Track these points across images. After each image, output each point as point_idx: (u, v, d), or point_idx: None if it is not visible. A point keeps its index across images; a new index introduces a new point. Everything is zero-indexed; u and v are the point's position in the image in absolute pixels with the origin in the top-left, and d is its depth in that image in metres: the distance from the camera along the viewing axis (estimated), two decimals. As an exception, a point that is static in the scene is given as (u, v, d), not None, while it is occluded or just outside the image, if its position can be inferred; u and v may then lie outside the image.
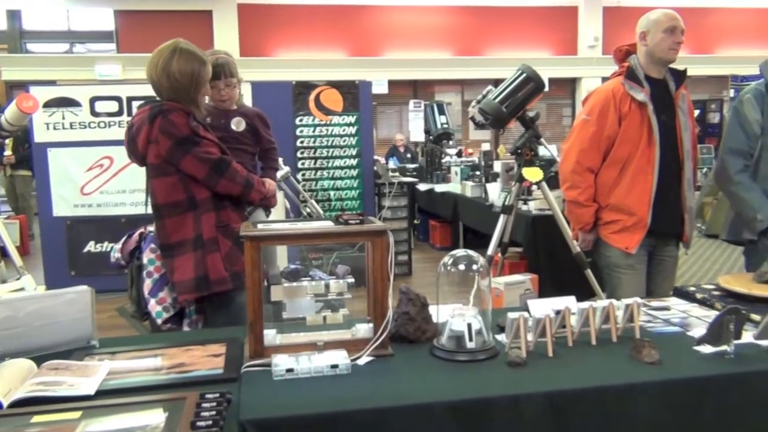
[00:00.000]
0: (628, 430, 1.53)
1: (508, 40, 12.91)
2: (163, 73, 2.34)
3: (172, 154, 2.33)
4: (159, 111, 2.33)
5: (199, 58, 2.40)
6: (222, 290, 2.41)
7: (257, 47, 12.03)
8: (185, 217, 2.38)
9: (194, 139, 2.35)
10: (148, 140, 2.34)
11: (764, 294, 2.13)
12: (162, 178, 2.38)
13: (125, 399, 1.41)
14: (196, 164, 2.35)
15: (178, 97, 2.37)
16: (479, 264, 1.78)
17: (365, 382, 1.55)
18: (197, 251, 2.38)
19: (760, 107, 2.71)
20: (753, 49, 12.77)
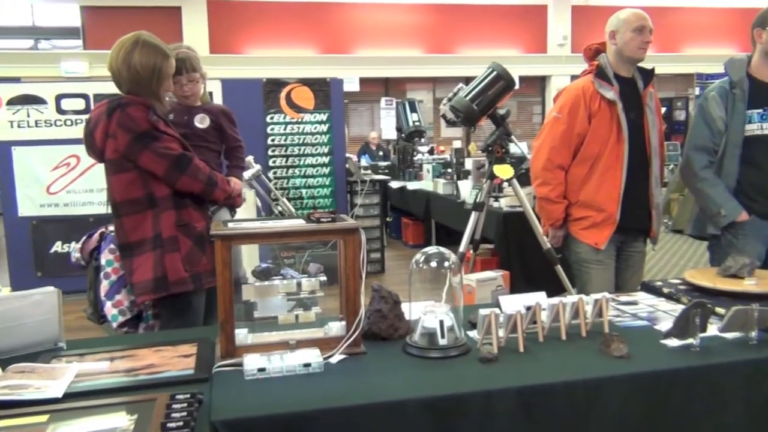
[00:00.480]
0: (598, 423, 1.56)
1: (479, 37, 12.98)
2: (123, 65, 2.29)
3: (130, 149, 2.26)
4: (117, 104, 2.27)
5: (161, 52, 2.35)
6: (181, 291, 2.34)
7: (227, 44, 11.92)
8: (144, 215, 2.32)
9: (154, 134, 2.28)
10: (106, 134, 2.28)
11: (728, 288, 2.18)
12: (120, 175, 2.31)
13: (94, 401, 1.39)
14: (155, 160, 2.28)
15: (139, 90, 2.32)
16: (451, 261, 1.79)
17: (338, 380, 1.55)
18: (156, 251, 2.31)
19: (724, 104, 2.77)
20: (717, 48, 13.03)
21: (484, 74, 3.47)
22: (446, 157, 7.84)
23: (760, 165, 2.72)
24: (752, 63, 2.79)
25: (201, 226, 2.42)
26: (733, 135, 2.72)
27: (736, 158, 2.73)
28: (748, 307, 1.76)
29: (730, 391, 1.65)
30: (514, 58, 12.36)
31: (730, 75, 2.79)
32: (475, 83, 3.47)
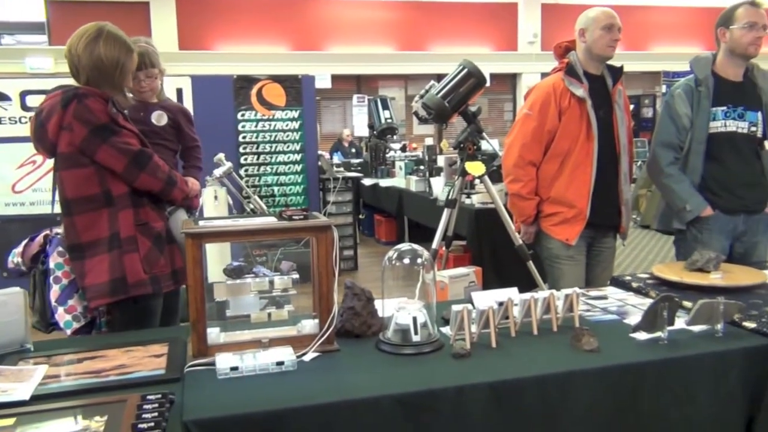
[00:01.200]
0: (569, 416, 1.58)
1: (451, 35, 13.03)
2: (85, 53, 2.18)
3: (87, 143, 2.13)
4: (74, 95, 2.14)
5: (126, 46, 2.26)
6: (140, 294, 2.23)
7: (196, 40, 11.78)
8: (99, 214, 2.18)
9: (113, 128, 2.17)
10: (60, 126, 2.14)
11: (695, 282, 2.22)
12: (74, 170, 2.17)
13: (62, 403, 1.37)
14: (114, 155, 2.16)
15: (100, 80, 2.21)
16: (423, 258, 1.80)
17: (311, 378, 1.54)
18: (113, 251, 2.18)
19: (689, 101, 2.82)
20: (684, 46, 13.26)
21: (456, 71, 3.48)
22: (418, 154, 7.85)
23: (723, 161, 2.78)
24: (717, 61, 2.85)
25: (159, 226, 2.32)
26: (698, 132, 2.78)
27: (701, 154, 2.78)
28: (714, 300, 1.80)
29: (698, 382, 1.68)
30: (485, 56, 12.43)
31: (695, 73, 2.85)
32: (446, 80, 3.48)
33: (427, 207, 5.55)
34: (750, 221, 2.81)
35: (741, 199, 2.78)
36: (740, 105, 2.78)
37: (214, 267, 2.96)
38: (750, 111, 2.79)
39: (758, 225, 2.84)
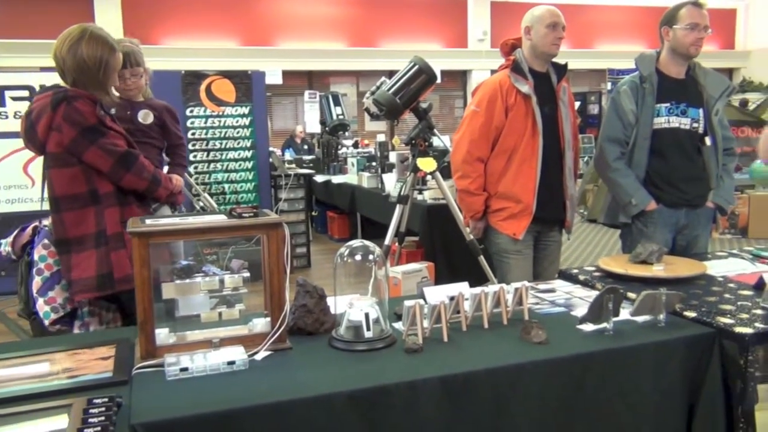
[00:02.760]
0: (519, 408, 1.61)
1: (401, 32, 13.07)
2: (69, 54, 2.22)
3: (76, 144, 2.20)
4: (63, 97, 2.19)
5: (108, 45, 2.29)
6: (126, 289, 2.25)
7: (143, 35, 11.47)
8: (86, 211, 2.25)
9: (101, 130, 2.23)
10: (49, 127, 2.20)
11: (639, 274, 2.29)
12: (62, 169, 2.24)
13: (6, 410, 1.32)
14: (101, 156, 2.23)
15: (85, 80, 2.25)
16: (375, 254, 1.80)
17: (263, 377, 1.53)
18: (100, 248, 2.25)
19: (635, 98, 2.89)
20: (628, 45, 13.62)
21: (406, 68, 3.50)
22: (371, 151, 7.86)
23: (667, 156, 2.86)
24: (660, 59, 2.93)
25: None
26: (643, 127, 2.85)
27: (646, 150, 2.86)
28: (657, 292, 1.86)
29: (641, 371, 1.74)
30: (435, 52, 12.52)
31: (640, 70, 2.92)
32: (397, 77, 3.50)
33: (379, 203, 5.57)
34: (692, 215, 2.91)
35: (683, 193, 2.87)
36: (683, 102, 2.87)
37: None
38: (692, 108, 2.88)
39: (699, 218, 2.94)
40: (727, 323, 1.83)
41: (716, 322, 1.84)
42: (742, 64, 14.97)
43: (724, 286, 2.25)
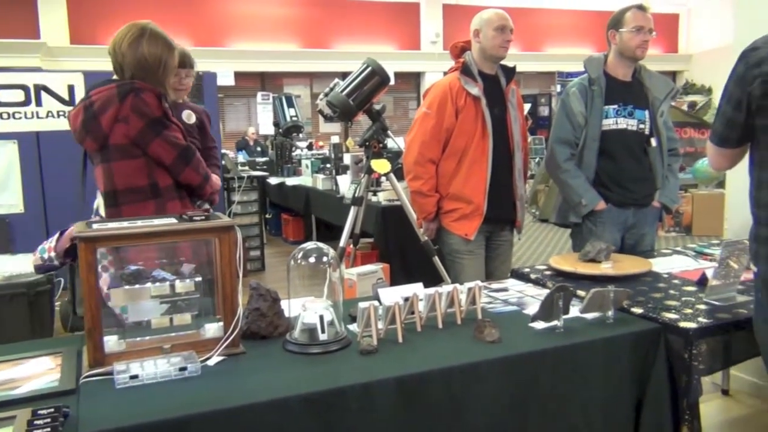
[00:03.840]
0: (474, 406, 1.63)
1: (355, 33, 13.07)
2: (129, 50, 2.24)
3: (142, 136, 2.19)
4: (131, 89, 2.19)
5: (168, 44, 2.33)
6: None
7: (89, 34, 11.20)
8: (145, 204, 2.24)
9: (165, 122, 2.24)
10: (116, 119, 2.18)
11: (588, 272, 2.35)
12: (126, 161, 2.23)
13: (-59, 424, 1.27)
14: (165, 148, 2.23)
15: (144, 77, 2.25)
16: (330, 256, 1.80)
17: (216, 382, 1.51)
18: None
19: (583, 100, 2.96)
20: (577, 48, 13.92)
21: (360, 70, 3.50)
22: (325, 153, 7.84)
23: (615, 157, 2.94)
24: (608, 62, 3.00)
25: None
26: (592, 129, 2.92)
27: (595, 151, 2.93)
28: (605, 289, 1.91)
29: (591, 367, 1.78)
30: (388, 54, 12.56)
31: (588, 73, 2.99)
32: (350, 79, 3.50)
33: (334, 205, 5.55)
34: (639, 214, 2.99)
35: (631, 193, 2.95)
36: (630, 104, 2.94)
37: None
38: (638, 109, 2.96)
39: (646, 217, 3.02)
40: (672, 318, 1.89)
41: (662, 318, 1.90)
42: (685, 67, 15.47)
43: (669, 283, 2.32)
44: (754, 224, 1.77)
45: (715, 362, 1.91)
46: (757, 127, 1.71)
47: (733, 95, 1.74)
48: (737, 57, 1.73)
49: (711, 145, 1.89)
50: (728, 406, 3.08)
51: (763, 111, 1.67)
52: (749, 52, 1.70)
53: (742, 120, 1.73)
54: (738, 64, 1.72)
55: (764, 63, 1.64)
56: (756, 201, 1.75)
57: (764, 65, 1.64)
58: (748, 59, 1.69)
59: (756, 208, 1.75)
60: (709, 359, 1.86)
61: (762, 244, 1.73)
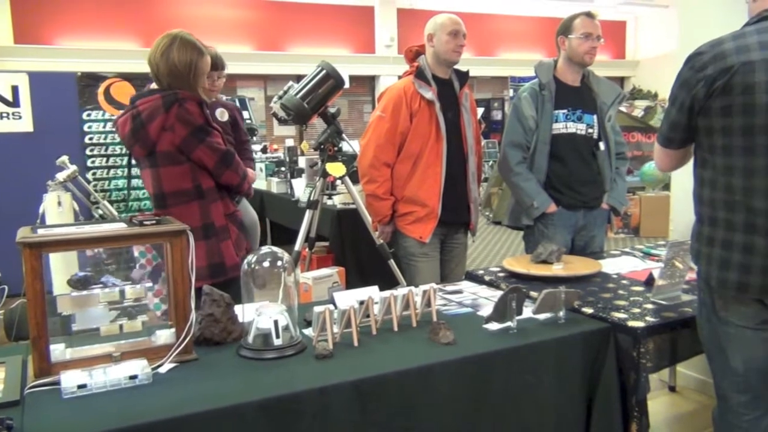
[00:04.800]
0: (429, 408, 1.64)
1: (310, 36, 13.01)
2: (162, 60, 2.36)
3: (186, 143, 2.33)
4: (175, 99, 2.32)
5: (197, 49, 2.41)
6: (235, 276, 2.35)
7: (34, 34, 10.85)
8: (191, 205, 2.39)
9: (207, 129, 2.37)
10: (162, 128, 2.32)
11: (540, 273, 2.39)
12: (172, 167, 2.37)
13: None
14: (207, 154, 2.37)
15: (177, 84, 2.37)
16: (284, 260, 1.78)
17: (168, 390, 1.48)
18: (209, 239, 2.40)
19: (534, 104, 3.01)
20: (529, 53, 14.16)
21: (314, 73, 3.48)
22: (279, 156, 7.76)
23: (565, 160, 3.00)
24: (558, 67, 3.07)
25: (240, 215, 2.62)
26: (543, 133, 2.97)
27: (545, 154, 2.98)
28: (557, 290, 1.94)
29: (544, 366, 1.81)
30: (343, 58, 12.53)
31: (539, 78, 3.04)
32: (305, 81, 3.48)
33: (289, 209, 5.50)
34: (589, 216, 3.06)
35: (581, 195, 3.01)
36: (578, 108, 3.01)
37: (60, 278, 2.76)
38: (587, 114, 3.03)
39: (595, 219, 3.09)
40: (621, 318, 1.94)
41: (611, 318, 1.95)
42: (632, 73, 15.89)
43: (618, 283, 2.38)
44: (696, 223, 1.84)
45: (663, 360, 1.97)
46: (699, 128, 1.77)
47: (678, 98, 1.79)
48: (683, 62, 1.79)
49: (657, 146, 1.95)
50: (675, 402, 3.18)
51: (706, 113, 1.73)
52: (694, 56, 1.75)
53: (685, 122, 1.79)
54: (683, 68, 1.78)
55: (708, 67, 1.70)
56: (698, 198, 1.82)
57: (708, 69, 1.69)
58: (693, 63, 1.74)
59: (699, 206, 1.82)
60: (656, 357, 1.91)
61: (703, 243, 1.79)
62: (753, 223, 1.68)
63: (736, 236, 1.71)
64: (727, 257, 1.72)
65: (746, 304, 1.74)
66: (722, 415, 1.86)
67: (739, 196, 1.69)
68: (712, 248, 1.76)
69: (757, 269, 1.68)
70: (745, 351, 1.77)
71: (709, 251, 1.77)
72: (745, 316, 1.75)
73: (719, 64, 1.68)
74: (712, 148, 1.74)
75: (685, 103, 1.77)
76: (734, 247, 1.71)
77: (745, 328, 1.76)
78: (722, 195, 1.73)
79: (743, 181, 1.68)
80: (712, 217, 1.77)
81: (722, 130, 1.71)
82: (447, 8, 3.48)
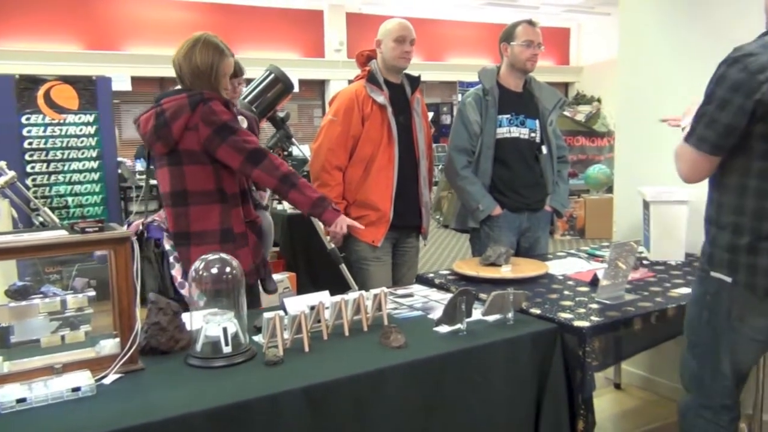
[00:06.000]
0: (381, 412, 1.64)
1: (257, 40, 12.88)
2: (185, 60, 2.37)
3: (210, 142, 2.32)
4: (201, 99, 2.32)
5: (219, 50, 2.42)
6: (249, 283, 2.34)
7: (-31, 34, 10.45)
8: (212, 207, 2.38)
9: (232, 128, 2.34)
10: (186, 126, 2.31)
11: (489, 275, 2.42)
12: (197, 166, 2.36)
13: None
14: (230, 153, 2.33)
15: (200, 84, 2.37)
16: (233, 266, 1.76)
17: (113, 402, 1.44)
18: (227, 244, 2.36)
19: (479, 109, 3.06)
20: (476, 59, 14.34)
21: (262, 77, 3.45)
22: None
23: (509, 164, 3.06)
24: (501, 73, 3.12)
25: (260, 222, 2.60)
26: (487, 137, 3.03)
27: (490, 158, 3.04)
28: (505, 292, 1.98)
29: (493, 368, 1.83)
30: (292, 62, 12.45)
31: (483, 83, 3.10)
32: (253, 85, 3.44)
33: (238, 214, 5.44)
34: (533, 218, 3.12)
35: (525, 198, 3.08)
36: (521, 113, 3.08)
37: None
38: (529, 119, 3.10)
39: (539, 221, 3.16)
40: (567, 318, 1.99)
41: (558, 318, 1.99)
42: (575, 79, 16.28)
43: (564, 284, 2.44)
44: (728, 233, 1.76)
45: (608, 358, 2.02)
46: (754, 133, 1.67)
47: (732, 101, 1.65)
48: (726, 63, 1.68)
49: (696, 155, 1.76)
50: (620, 399, 3.26)
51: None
52: (744, 57, 1.65)
53: (744, 126, 1.66)
54: (730, 69, 1.66)
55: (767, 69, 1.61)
56: (736, 209, 1.74)
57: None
58: (745, 65, 1.63)
59: (736, 217, 1.74)
60: (601, 355, 1.96)
61: (742, 253, 1.73)
62: None
63: None
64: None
65: (765, 316, 1.75)
66: (698, 412, 1.90)
67: None
68: (757, 258, 1.71)
69: None
70: (740, 358, 1.82)
71: (753, 261, 1.72)
72: (759, 328, 1.77)
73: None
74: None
75: (744, 106, 1.64)
76: None
77: (752, 339, 1.79)
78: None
79: None
80: (756, 227, 1.70)
81: None
82: (396, 14, 3.50)
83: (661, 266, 2.72)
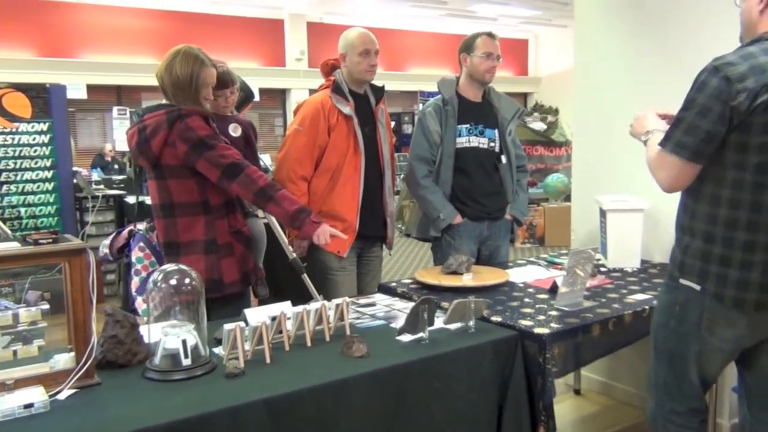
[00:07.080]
0: (345, 422, 1.63)
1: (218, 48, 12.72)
2: (165, 72, 2.40)
3: (188, 158, 2.35)
4: (178, 115, 2.35)
5: (199, 60, 2.43)
6: (233, 292, 2.48)
7: None
8: (197, 219, 2.42)
9: (209, 143, 2.36)
10: (165, 143, 2.35)
11: (451, 284, 2.44)
12: (180, 180, 2.40)
13: None
14: (208, 168, 2.36)
15: (181, 96, 2.39)
16: (192, 277, 1.73)
17: (68, 418, 1.41)
18: (210, 255, 2.43)
19: (438, 119, 3.09)
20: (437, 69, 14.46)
21: (223, 86, 3.42)
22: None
23: (469, 173, 3.09)
24: (460, 83, 3.16)
25: (248, 231, 2.61)
26: (447, 147, 3.05)
27: (450, 167, 3.06)
28: (466, 300, 1.99)
29: (455, 376, 1.84)
30: (253, 70, 12.35)
31: (442, 93, 3.13)
32: (213, 94, 3.40)
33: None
34: (493, 227, 3.16)
35: (484, 207, 3.11)
36: (480, 123, 3.12)
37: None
38: (488, 128, 3.14)
39: (499, 230, 3.20)
40: (528, 325, 2.01)
41: (518, 325, 2.01)
42: (534, 89, 16.58)
43: (525, 291, 2.47)
44: (699, 242, 1.76)
45: (567, 364, 2.05)
46: (728, 143, 1.67)
47: (712, 108, 1.65)
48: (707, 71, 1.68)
49: (677, 161, 1.73)
50: (580, 405, 3.31)
51: (744, 127, 1.64)
52: (724, 66, 1.65)
53: (724, 133, 1.66)
54: (710, 77, 1.67)
55: (747, 78, 1.62)
56: (709, 218, 1.74)
57: (747, 81, 1.61)
58: (725, 73, 1.64)
59: (708, 225, 1.74)
60: (561, 362, 1.99)
61: (714, 263, 1.74)
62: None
63: (757, 256, 1.68)
64: (746, 278, 1.70)
65: (735, 327, 1.76)
66: (668, 417, 1.91)
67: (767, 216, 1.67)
68: (727, 269, 1.72)
69: None
70: (707, 367, 1.85)
71: (724, 271, 1.72)
72: (727, 338, 1.79)
73: (761, 79, 1.61)
74: (743, 165, 1.67)
75: (724, 114, 1.64)
76: (754, 267, 1.69)
77: (719, 349, 1.81)
78: (747, 214, 1.68)
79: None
80: (728, 237, 1.71)
81: (759, 147, 1.64)
82: (357, 24, 3.51)
83: (618, 273, 2.78)
